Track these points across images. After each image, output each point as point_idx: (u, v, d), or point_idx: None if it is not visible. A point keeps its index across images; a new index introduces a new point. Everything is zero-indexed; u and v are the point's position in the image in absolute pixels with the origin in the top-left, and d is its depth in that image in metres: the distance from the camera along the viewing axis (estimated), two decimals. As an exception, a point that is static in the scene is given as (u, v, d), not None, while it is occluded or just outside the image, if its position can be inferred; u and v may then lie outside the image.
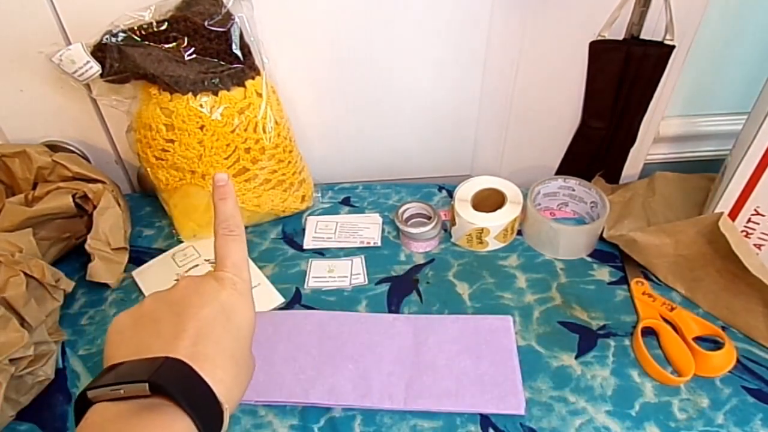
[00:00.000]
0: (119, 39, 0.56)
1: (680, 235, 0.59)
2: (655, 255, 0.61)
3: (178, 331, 0.33)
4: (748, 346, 0.56)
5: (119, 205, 0.63)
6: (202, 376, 0.31)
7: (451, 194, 0.73)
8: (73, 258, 0.65)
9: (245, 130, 0.60)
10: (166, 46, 0.57)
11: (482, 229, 0.64)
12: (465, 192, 0.67)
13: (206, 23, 0.56)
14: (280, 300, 0.61)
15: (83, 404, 0.31)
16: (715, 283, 0.58)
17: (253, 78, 0.60)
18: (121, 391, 0.30)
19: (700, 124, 0.76)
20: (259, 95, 0.61)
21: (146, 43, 0.56)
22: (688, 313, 0.57)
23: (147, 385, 0.29)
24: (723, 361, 0.53)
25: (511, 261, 0.65)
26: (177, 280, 0.46)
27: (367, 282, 0.63)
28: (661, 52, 0.63)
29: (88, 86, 0.61)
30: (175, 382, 0.30)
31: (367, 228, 0.70)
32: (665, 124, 0.74)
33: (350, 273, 0.64)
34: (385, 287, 0.63)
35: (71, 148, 0.71)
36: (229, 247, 0.39)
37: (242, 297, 0.37)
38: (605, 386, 0.52)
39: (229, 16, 0.58)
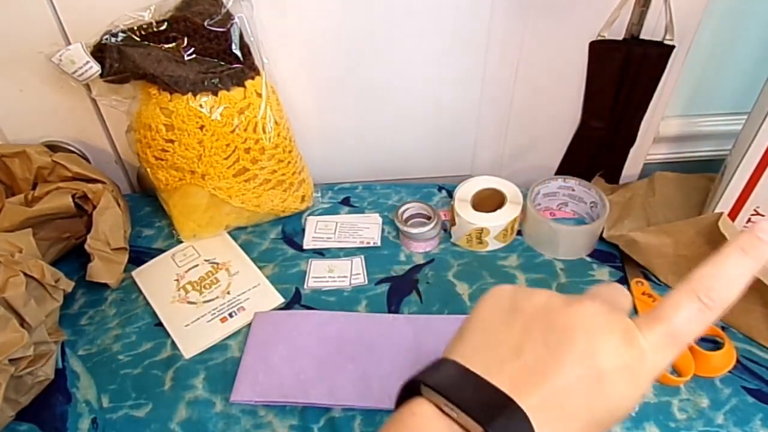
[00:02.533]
0: (119, 39, 0.56)
1: (680, 235, 0.59)
2: (655, 255, 0.61)
3: (540, 373, 0.26)
4: (748, 346, 0.56)
5: (119, 205, 0.63)
6: None
7: (451, 194, 0.73)
8: (73, 258, 0.65)
9: (245, 130, 0.60)
10: (166, 46, 0.57)
11: (482, 229, 0.64)
12: (465, 192, 0.67)
13: (206, 23, 0.56)
14: (280, 300, 0.61)
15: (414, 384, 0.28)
16: (715, 283, 0.58)
17: (252, 78, 0.60)
18: (455, 415, 0.26)
19: (700, 124, 0.76)
20: (259, 95, 0.61)
21: (146, 43, 0.56)
22: (688, 313, 0.57)
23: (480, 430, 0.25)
24: (723, 361, 0.53)
25: (511, 261, 0.65)
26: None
27: (366, 282, 0.63)
28: (661, 52, 0.62)
29: (88, 86, 0.61)
30: None
31: (367, 228, 0.70)
32: (665, 124, 0.74)
33: (350, 273, 0.64)
34: (384, 287, 0.63)
35: (71, 148, 0.71)
36: (685, 309, 0.27)
37: (639, 374, 0.26)
38: (605, 386, 0.52)
39: (228, 16, 0.57)
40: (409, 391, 0.28)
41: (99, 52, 0.56)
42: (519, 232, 0.68)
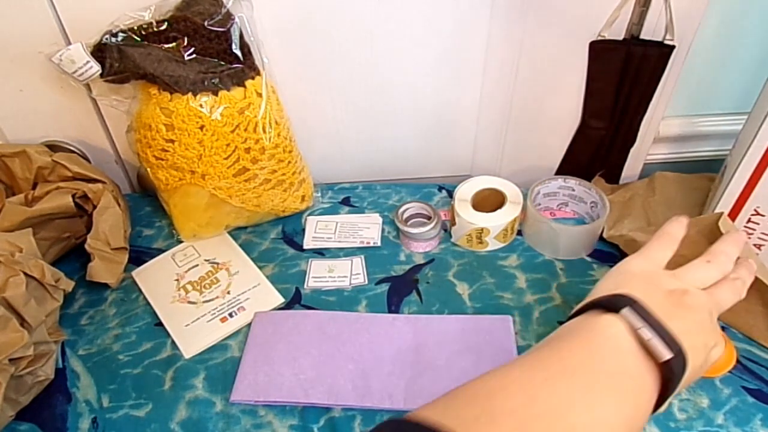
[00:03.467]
0: (119, 39, 0.56)
1: (680, 235, 0.59)
2: (655, 255, 0.61)
3: (695, 332, 0.36)
4: (748, 346, 0.56)
5: (119, 205, 0.63)
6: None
7: (451, 194, 0.73)
8: (73, 258, 0.65)
9: (245, 130, 0.60)
10: (166, 46, 0.57)
11: (482, 229, 0.64)
12: (465, 192, 0.67)
13: (206, 23, 0.56)
14: (280, 300, 0.61)
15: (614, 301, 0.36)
16: (715, 283, 0.58)
17: (253, 78, 0.60)
18: (648, 338, 0.33)
19: (700, 124, 0.76)
20: (259, 95, 0.61)
21: (146, 43, 0.56)
22: (688, 313, 0.57)
23: (669, 356, 0.33)
24: (723, 361, 0.53)
25: (511, 261, 0.65)
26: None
27: (367, 282, 0.63)
28: (661, 52, 0.62)
29: (88, 86, 0.61)
30: (678, 373, 0.33)
31: (367, 228, 0.70)
32: (665, 124, 0.74)
33: (350, 273, 0.64)
34: (385, 287, 0.63)
35: (71, 148, 0.71)
36: None
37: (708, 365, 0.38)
38: (605, 386, 0.52)
39: (229, 16, 0.57)
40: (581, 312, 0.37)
41: (99, 52, 0.56)
42: (519, 232, 0.68)
